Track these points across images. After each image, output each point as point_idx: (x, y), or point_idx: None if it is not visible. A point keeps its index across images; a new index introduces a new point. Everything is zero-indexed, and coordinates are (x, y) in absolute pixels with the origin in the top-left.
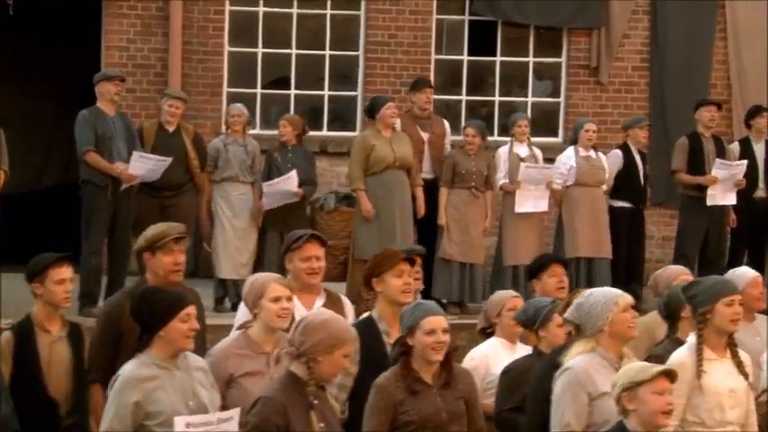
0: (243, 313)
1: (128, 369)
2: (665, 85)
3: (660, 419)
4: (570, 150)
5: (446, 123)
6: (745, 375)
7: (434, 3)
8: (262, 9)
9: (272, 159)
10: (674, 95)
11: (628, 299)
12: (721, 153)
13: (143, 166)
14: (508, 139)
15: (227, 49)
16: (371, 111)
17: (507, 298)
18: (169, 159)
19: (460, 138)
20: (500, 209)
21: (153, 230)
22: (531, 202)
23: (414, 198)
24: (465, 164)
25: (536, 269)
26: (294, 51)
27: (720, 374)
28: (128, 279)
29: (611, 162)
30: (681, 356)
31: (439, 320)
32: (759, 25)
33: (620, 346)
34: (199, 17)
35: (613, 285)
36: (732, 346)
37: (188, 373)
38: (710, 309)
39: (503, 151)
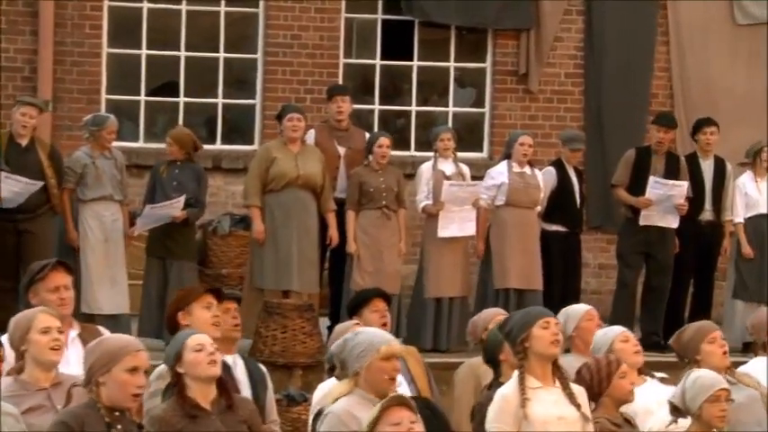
0: None
1: None
2: (601, 94)
3: None
4: (503, 165)
5: (367, 136)
6: (577, 405)
7: (343, 0)
8: (146, 5)
9: (158, 176)
10: (612, 105)
11: (393, 348)
12: (672, 174)
13: (9, 188)
14: (426, 154)
15: (105, 50)
16: (279, 121)
17: (348, 327)
18: (39, 183)
19: None
20: (420, 233)
21: None
22: (455, 224)
23: (322, 223)
24: (373, 181)
25: (356, 305)
26: (183, 53)
27: (547, 403)
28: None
29: (544, 181)
30: (505, 390)
31: (204, 337)
32: (704, 27)
33: (383, 393)
34: (73, 14)
35: None
36: (561, 377)
37: None
38: (527, 335)
39: (425, 168)
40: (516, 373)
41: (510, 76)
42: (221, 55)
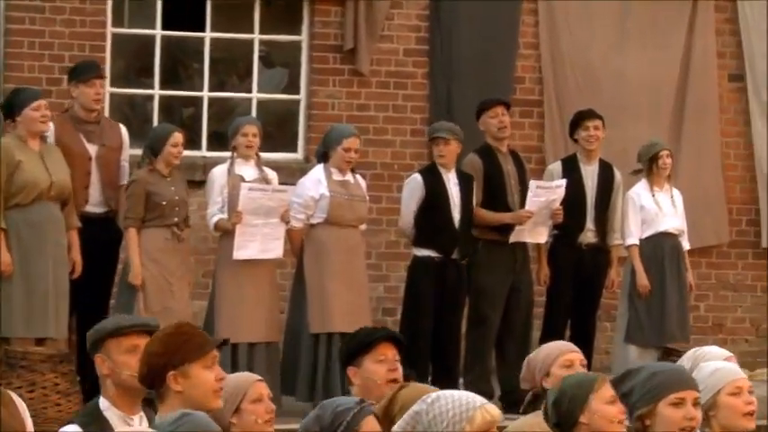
0: None
1: None
2: (452, 78)
3: None
4: (319, 171)
5: (123, 130)
6: None
7: None
8: None
9: None
10: (465, 92)
11: (491, 412)
12: (522, 175)
13: None
14: (222, 154)
15: None
16: (10, 109)
17: (250, 383)
18: None
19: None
20: (213, 259)
21: None
22: (256, 243)
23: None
24: (164, 191)
25: (355, 350)
26: None
27: None
28: None
29: (407, 194)
30: None
31: None
32: None
33: None
34: None
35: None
36: None
37: None
38: (651, 410)
39: (218, 173)
40: None
41: (333, 52)
42: None
